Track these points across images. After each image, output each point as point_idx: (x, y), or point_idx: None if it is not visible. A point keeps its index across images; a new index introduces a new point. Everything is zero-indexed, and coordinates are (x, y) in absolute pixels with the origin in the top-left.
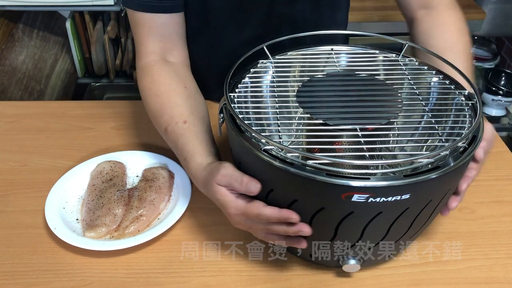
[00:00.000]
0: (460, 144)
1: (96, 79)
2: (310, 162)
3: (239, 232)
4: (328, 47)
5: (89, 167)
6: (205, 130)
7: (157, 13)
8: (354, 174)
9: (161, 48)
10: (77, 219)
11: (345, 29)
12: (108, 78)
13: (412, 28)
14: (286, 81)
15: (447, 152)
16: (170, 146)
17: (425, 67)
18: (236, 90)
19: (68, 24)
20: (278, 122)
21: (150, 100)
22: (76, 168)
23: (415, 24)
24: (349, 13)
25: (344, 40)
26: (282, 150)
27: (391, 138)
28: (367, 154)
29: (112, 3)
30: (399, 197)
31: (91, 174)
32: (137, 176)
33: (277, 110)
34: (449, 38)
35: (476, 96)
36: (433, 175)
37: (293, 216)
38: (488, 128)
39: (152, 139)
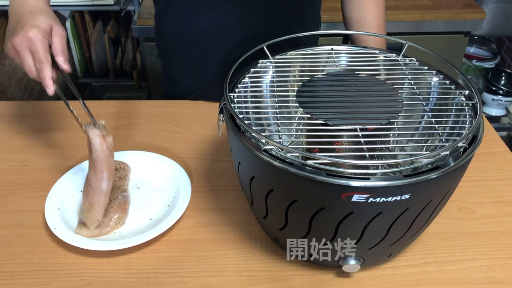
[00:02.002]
0: (460, 144)
1: (96, 79)
2: (310, 162)
3: (239, 232)
4: (328, 47)
5: None
6: None
7: None
8: (354, 174)
9: None
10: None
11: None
12: (108, 78)
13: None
14: (286, 81)
15: (447, 152)
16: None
17: (425, 67)
18: (236, 90)
19: (68, 24)
20: (278, 122)
21: None
22: (76, 168)
23: None
24: None
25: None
26: (282, 150)
27: (391, 138)
28: (367, 154)
29: (112, 3)
30: (399, 197)
31: None
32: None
33: (277, 110)
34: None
35: (476, 96)
36: (433, 175)
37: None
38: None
39: (152, 139)
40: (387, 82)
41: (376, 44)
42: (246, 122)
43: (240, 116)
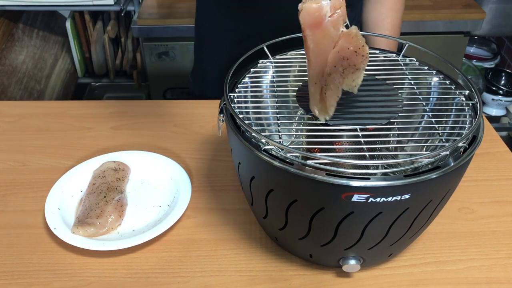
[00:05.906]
0: (460, 144)
1: (96, 79)
2: (310, 162)
3: (239, 232)
4: None
5: (90, 167)
6: None
7: None
8: (354, 174)
9: None
10: None
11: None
12: (108, 78)
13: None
14: (286, 81)
15: (448, 152)
16: None
17: (425, 67)
18: (236, 90)
19: (68, 24)
20: (278, 122)
21: None
22: (76, 168)
23: None
24: None
25: None
26: (282, 150)
27: (391, 138)
28: (367, 154)
29: (112, 3)
30: (399, 197)
31: (94, 173)
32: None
33: (277, 110)
34: (384, 12)
35: (476, 96)
36: (433, 175)
37: None
38: None
39: (152, 139)
40: (387, 82)
41: (387, 47)
42: (246, 122)
43: (240, 116)
